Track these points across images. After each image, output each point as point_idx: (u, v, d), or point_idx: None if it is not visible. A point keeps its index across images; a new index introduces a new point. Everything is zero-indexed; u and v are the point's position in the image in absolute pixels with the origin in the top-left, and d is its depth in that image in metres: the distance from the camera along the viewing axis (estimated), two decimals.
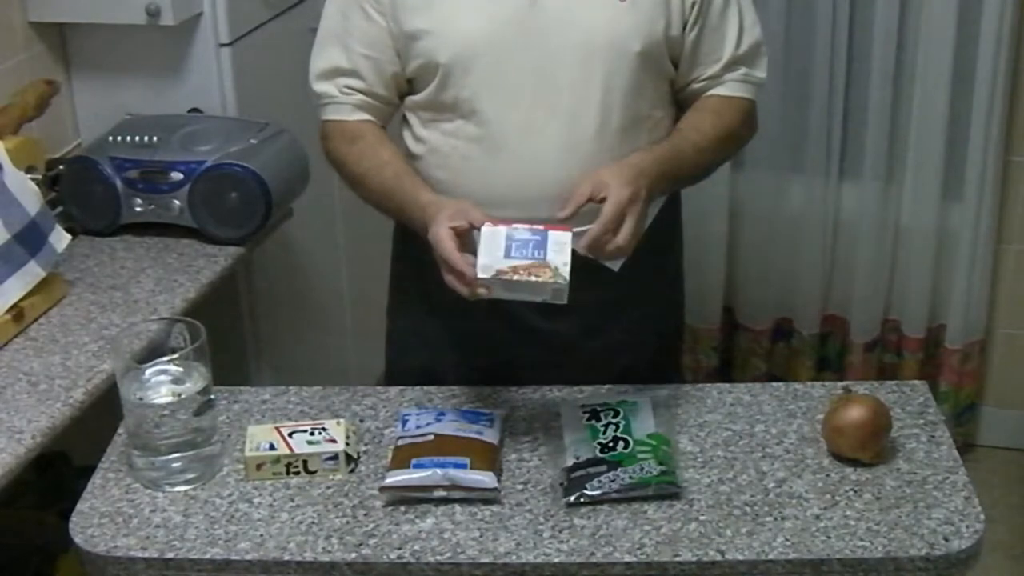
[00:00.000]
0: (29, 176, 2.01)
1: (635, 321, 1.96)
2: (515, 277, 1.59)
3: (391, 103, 1.89)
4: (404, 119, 1.91)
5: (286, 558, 1.53)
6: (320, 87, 1.88)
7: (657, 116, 1.85)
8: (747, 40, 1.86)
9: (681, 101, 1.91)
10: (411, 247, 1.97)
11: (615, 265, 1.87)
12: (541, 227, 1.62)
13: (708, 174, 1.91)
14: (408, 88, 1.87)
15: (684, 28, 1.81)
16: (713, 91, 1.87)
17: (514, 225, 1.62)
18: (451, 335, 1.97)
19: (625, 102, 1.79)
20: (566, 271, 1.59)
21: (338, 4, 1.87)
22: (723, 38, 1.84)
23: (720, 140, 1.85)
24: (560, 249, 1.60)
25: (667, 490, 1.60)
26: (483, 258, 1.60)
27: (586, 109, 1.78)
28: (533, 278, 1.59)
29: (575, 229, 1.64)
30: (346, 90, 1.86)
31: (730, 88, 1.87)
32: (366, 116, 1.87)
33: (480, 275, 1.59)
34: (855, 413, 1.66)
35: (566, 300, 1.60)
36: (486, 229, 1.62)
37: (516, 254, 1.59)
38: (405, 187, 1.80)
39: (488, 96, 1.78)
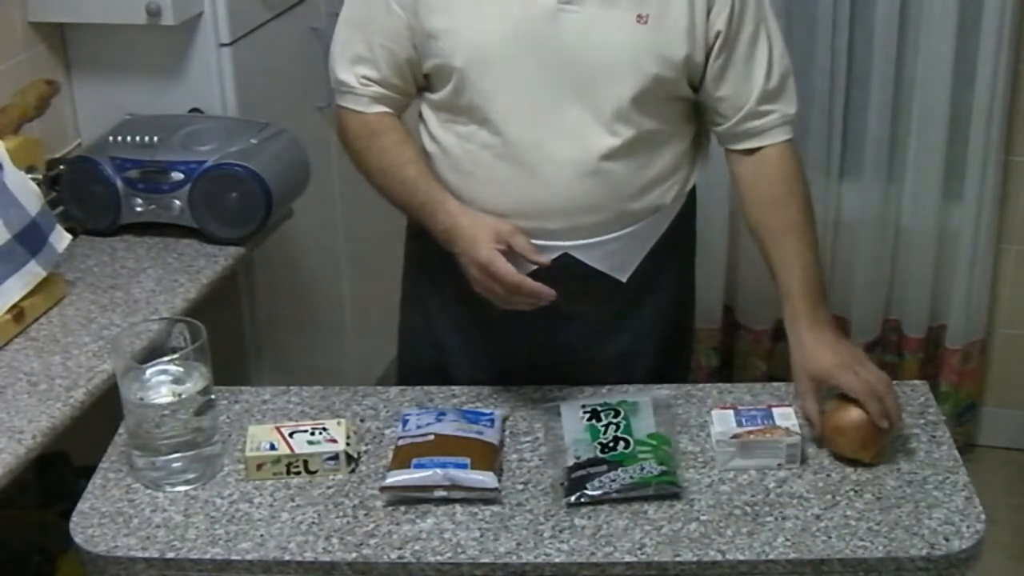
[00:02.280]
0: (29, 176, 2.01)
1: (642, 330, 1.95)
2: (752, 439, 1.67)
3: (408, 93, 1.88)
4: (421, 115, 1.90)
5: (287, 558, 1.53)
6: (340, 74, 1.87)
7: (667, 133, 1.83)
8: (777, 71, 1.82)
9: (720, 138, 1.88)
10: (424, 246, 1.97)
11: (623, 276, 1.87)
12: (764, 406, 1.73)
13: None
14: (426, 83, 1.87)
15: (708, 57, 1.78)
16: (762, 142, 1.83)
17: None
18: (461, 335, 1.97)
19: (637, 119, 1.78)
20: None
21: None
22: (753, 71, 1.80)
23: (809, 198, 1.86)
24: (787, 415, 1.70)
25: (668, 490, 1.60)
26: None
27: (597, 124, 1.76)
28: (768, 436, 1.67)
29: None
30: (364, 81, 1.85)
31: (773, 136, 1.84)
32: (383, 108, 1.86)
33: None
34: (855, 414, 1.66)
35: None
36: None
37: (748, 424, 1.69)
38: (430, 187, 1.82)
39: (500, 105, 1.77)
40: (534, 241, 1.77)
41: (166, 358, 1.66)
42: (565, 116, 1.76)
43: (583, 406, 1.76)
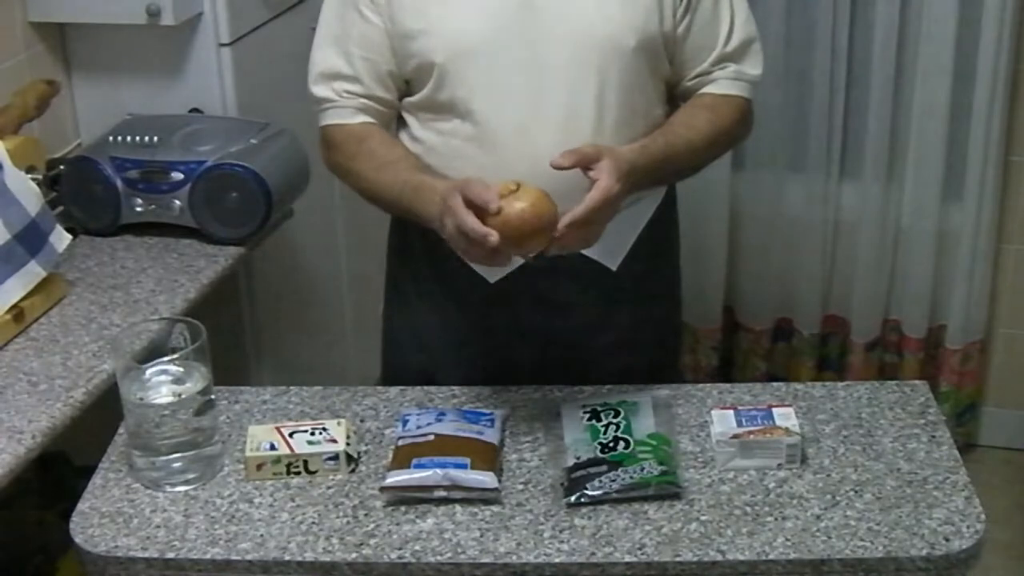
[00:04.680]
0: (29, 176, 2.01)
1: (633, 320, 1.96)
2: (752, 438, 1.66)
3: (391, 105, 1.88)
4: (401, 119, 1.90)
5: (287, 558, 1.53)
6: (319, 91, 1.87)
7: (654, 115, 1.85)
8: (737, 37, 1.85)
9: (675, 99, 1.91)
10: (407, 246, 1.98)
11: (613, 263, 1.88)
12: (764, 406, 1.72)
13: (696, 172, 1.90)
14: (406, 89, 1.87)
15: (676, 26, 1.81)
16: (706, 89, 1.86)
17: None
18: (448, 335, 1.97)
19: (621, 100, 1.79)
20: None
21: (335, 6, 1.86)
22: (713, 34, 1.84)
23: (714, 139, 1.85)
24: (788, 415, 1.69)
25: (668, 490, 1.60)
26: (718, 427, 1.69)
27: (581, 107, 1.77)
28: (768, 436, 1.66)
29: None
30: (345, 94, 1.85)
31: (723, 86, 1.86)
32: (368, 118, 1.86)
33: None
34: (517, 206, 1.60)
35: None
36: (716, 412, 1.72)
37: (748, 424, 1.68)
38: (421, 179, 1.78)
39: (483, 95, 1.78)
40: None
41: (166, 358, 1.66)
42: (548, 102, 1.77)
43: (583, 406, 1.76)
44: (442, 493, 1.60)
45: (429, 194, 1.72)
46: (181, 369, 1.66)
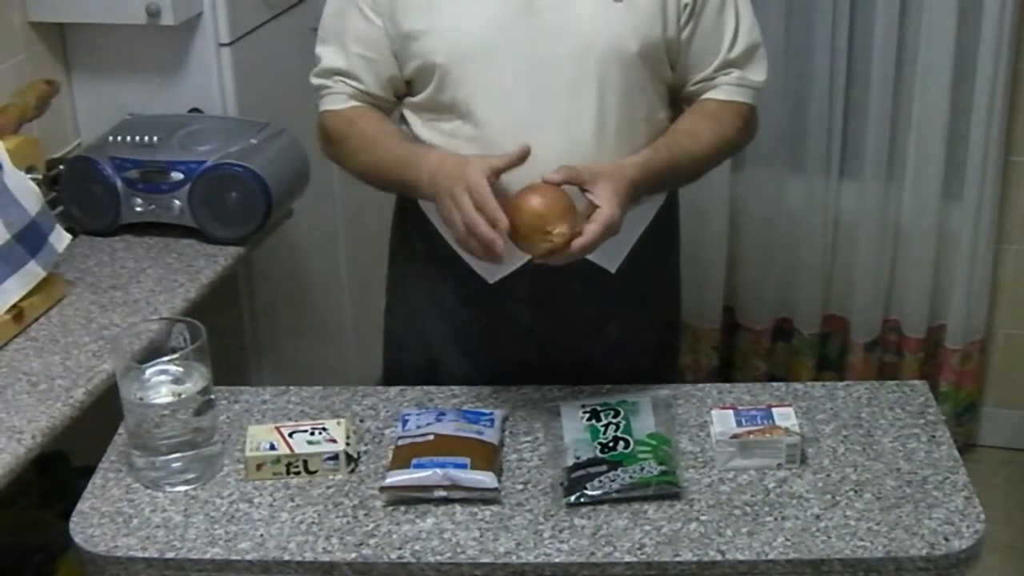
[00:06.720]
0: (29, 176, 2.01)
1: (633, 321, 1.96)
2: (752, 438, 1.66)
3: (387, 103, 1.89)
4: (403, 119, 1.91)
5: (286, 558, 1.53)
6: (317, 82, 1.90)
7: (657, 119, 1.85)
8: (742, 43, 1.84)
9: (679, 102, 1.90)
10: (409, 244, 1.98)
11: (612, 266, 1.88)
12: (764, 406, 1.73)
13: (698, 179, 1.90)
14: (407, 90, 1.87)
15: (680, 32, 1.80)
16: (710, 95, 1.86)
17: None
18: (449, 335, 1.97)
19: (622, 104, 1.78)
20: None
21: (337, 3, 1.87)
22: (718, 40, 1.83)
23: (717, 147, 1.84)
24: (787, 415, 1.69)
25: (667, 490, 1.60)
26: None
27: (582, 111, 1.77)
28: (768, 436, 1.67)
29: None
30: (341, 84, 1.87)
31: (727, 92, 1.85)
32: (361, 104, 1.87)
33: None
34: (535, 200, 1.63)
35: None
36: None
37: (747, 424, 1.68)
38: (411, 147, 1.80)
39: (484, 97, 1.78)
40: None
41: (166, 358, 1.66)
42: (549, 105, 1.77)
43: (583, 406, 1.76)
44: (442, 493, 1.60)
45: (418, 163, 1.75)
46: (181, 369, 1.66)
